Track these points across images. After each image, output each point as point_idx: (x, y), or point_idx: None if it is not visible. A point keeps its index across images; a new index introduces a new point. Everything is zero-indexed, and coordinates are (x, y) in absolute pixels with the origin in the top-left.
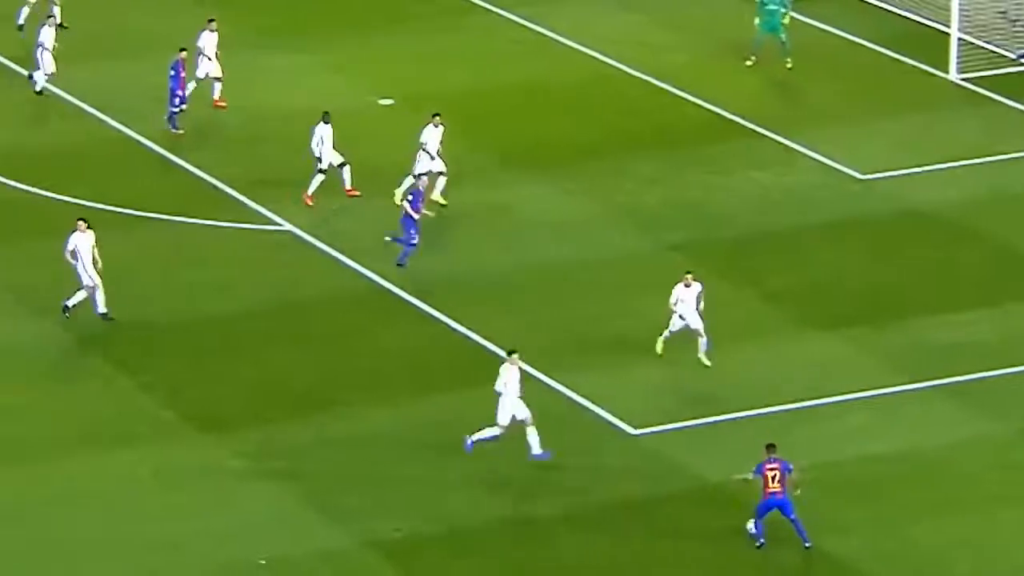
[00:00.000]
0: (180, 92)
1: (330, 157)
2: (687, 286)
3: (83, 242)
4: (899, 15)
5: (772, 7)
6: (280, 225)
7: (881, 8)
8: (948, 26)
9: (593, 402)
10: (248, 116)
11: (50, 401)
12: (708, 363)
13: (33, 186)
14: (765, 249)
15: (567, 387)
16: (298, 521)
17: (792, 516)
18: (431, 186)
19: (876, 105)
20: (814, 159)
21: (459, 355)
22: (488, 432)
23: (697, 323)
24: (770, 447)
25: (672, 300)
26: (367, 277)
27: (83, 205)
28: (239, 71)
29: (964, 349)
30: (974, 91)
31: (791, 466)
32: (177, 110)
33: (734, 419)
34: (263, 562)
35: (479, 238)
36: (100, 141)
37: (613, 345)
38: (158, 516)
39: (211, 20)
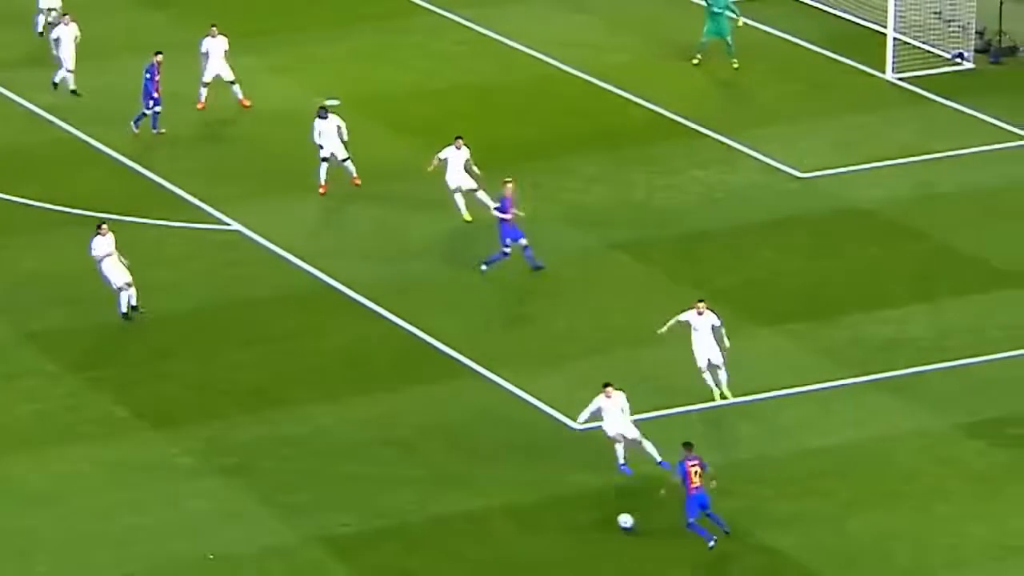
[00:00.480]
0: (155, 95)
1: (332, 149)
2: (699, 314)
3: (104, 246)
4: (837, 16)
5: (717, 11)
6: (228, 225)
7: (820, 9)
8: (885, 26)
9: (538, 398)
10: (198, 117)
11: None
12: (728, 396)
13: None
14: (708, 247)
15: (512, 384)
16: (247, 517)
17: (710, 511)
18: (512, 191)
19: (815, 105)
20: (755, 158)
21: (406, 353)
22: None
23: (718, 358)
24: (687, 445)
25: (672, 322)
26: (315, 276)
27: (32, 205)
28: (188, 73)
29: (900, 344)
30: (910, 90)
31: (707, 463)
32: (150, 112)
33: (675, 414)
34: (211, 557)
35: (426, 238)
36: (51, 142)
37: (559, 341)
38: (107, 513)
39: (213, 25)
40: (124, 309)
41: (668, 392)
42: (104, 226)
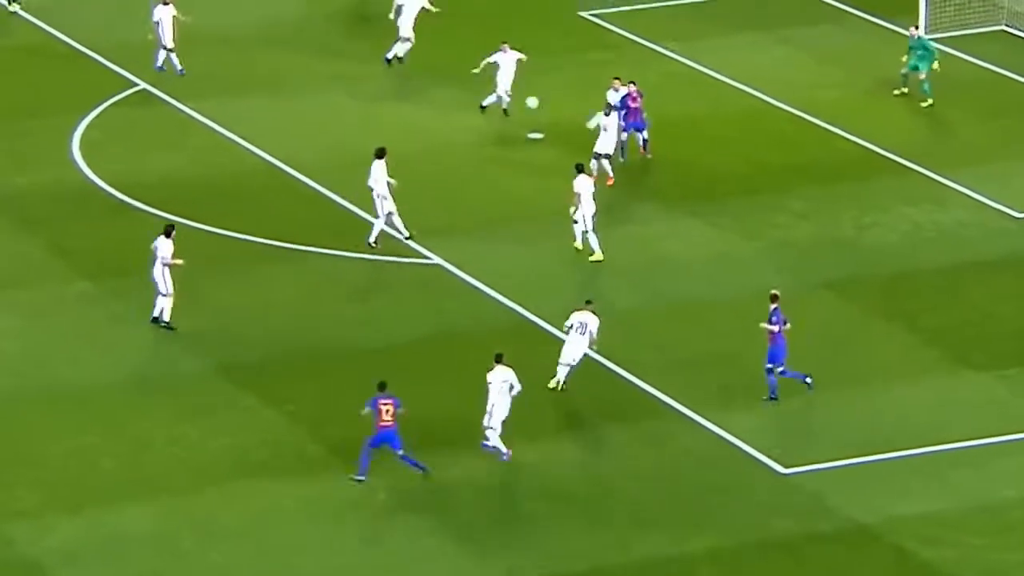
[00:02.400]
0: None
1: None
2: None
3: (168, 249)
4: None
5: (918, 51)
6: (429, 259)
7: None
8: None
9: (742, 440)
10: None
11: (195, 432)
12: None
13: (187, 218)
14: (918, 287)
15: (716, 424)
16: (442, 556)
17: (400, 452)
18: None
19: None
20: (967, 196)
21: (607, 390)
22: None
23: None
24: (382, 385)
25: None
26: (514, 311)
27: (235, 238)
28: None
29: None
30: None
31: (400, 402)
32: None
33: (888, 459)
34: None
35: (622, 274)
36: (250, 172)
37: (763, 381)
38: (302, 549)
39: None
40: (156, 314)
41: (875, 435)
42: (174, 231)
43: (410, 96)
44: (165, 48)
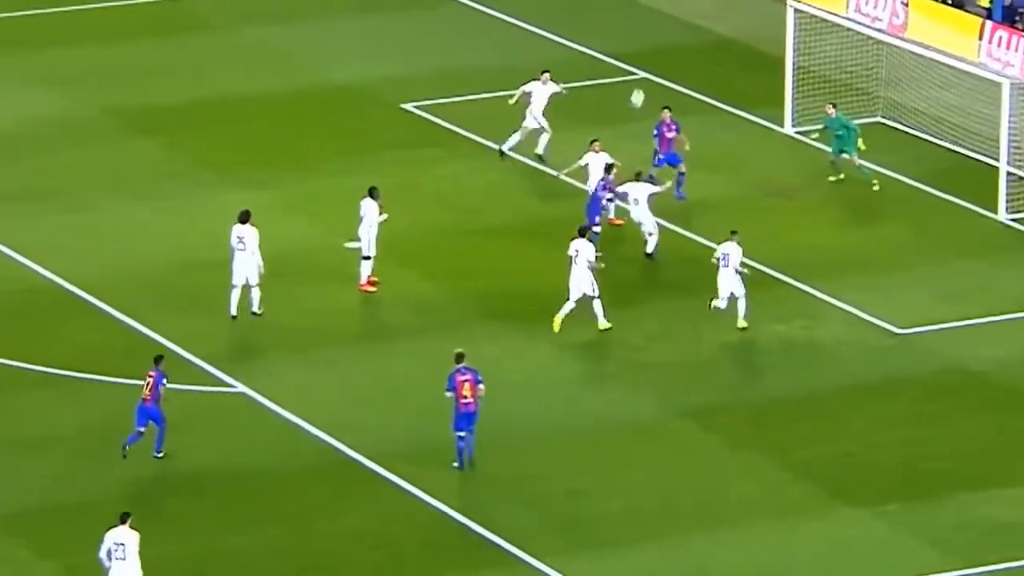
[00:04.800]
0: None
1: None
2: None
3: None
4: (942, 147)
5: (837, 131)
6: (233, 387)
7: (922, 140)
8: (996, 159)
9: None
10: (189, 265)
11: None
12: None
13: None
14: (790, 414)
15: (561, 573)
16: None
17: (162, 424)
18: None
19: (916, 249)
20: (844, 311)
21: (434, 534)
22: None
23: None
24: (157, 356)
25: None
26: (330, 445)
27: (7, 365)
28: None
29: (1018, 529)
30: None
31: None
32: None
33: None
34: None
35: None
36: (25, 291)
37: (614, 523)
38: None
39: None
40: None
41: None
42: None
43: (201, 201)
44: None
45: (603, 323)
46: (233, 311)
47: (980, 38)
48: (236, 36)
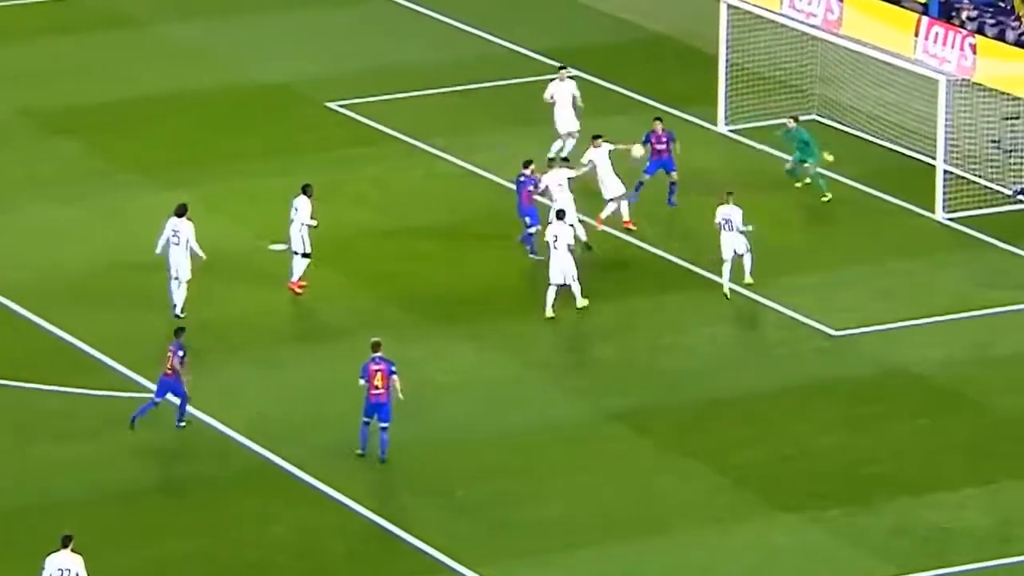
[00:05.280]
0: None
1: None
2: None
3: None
4: (879, 146)
5: (796, 143)
6: (152, 393)
7: (858, 138)
8: (934, 158)
9: None
10: (111, 267)
11: None
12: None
13: None
14: (725, 418)
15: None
16: None
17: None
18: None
19: (852, 250)
20: (778, 312)
21: (364, 543)
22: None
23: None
24: (177, 329)
25: (717, 220)
26: (256, 453)
27: None
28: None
29: (955, 535)
30: (964, 232)
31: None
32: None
33: None
34: None
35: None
36: None
37: (547, 530)
38: None
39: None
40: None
41: None
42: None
43: (123, 202)
44: None
45: (581, 301)
46: (177, 309)
47: (916, 34)
48: (158, 33)
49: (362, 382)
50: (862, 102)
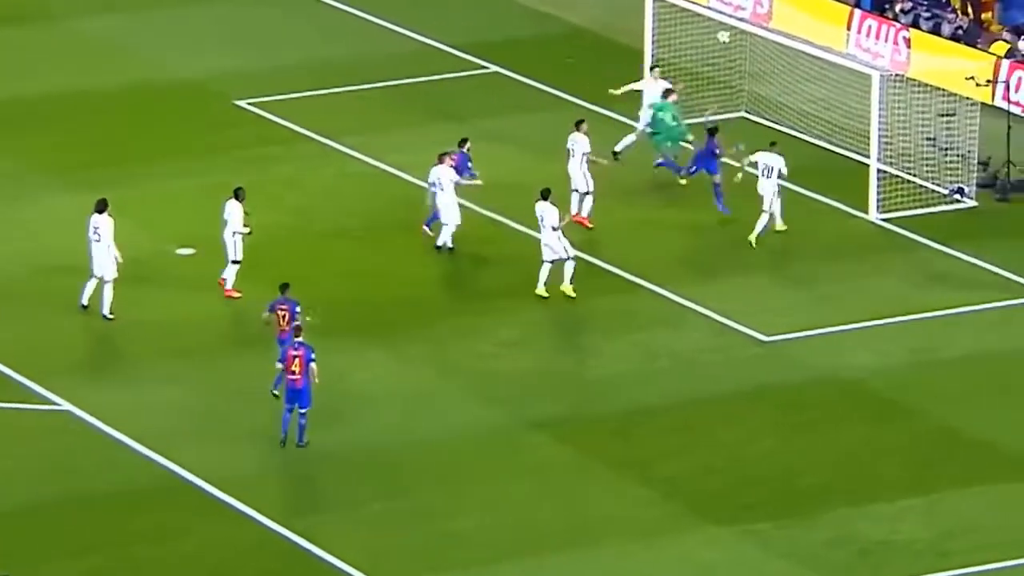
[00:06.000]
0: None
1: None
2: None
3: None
4: (810, 144)
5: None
6: (57, 405)
7: (788, 135)
8: (867, 157)
9: None
10: (12, 273)
11: None
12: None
13: None
14: (651, 427)
15: None
16: None
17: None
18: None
19: (783, 252)
20: (707, 317)
21: (274, 561)
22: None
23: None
24: (283, 284)
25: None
26: (166, 468)
27: None
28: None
29: (892, 547)
30: (899, 234)
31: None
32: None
33: None
34: None
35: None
36: None
37: (466, 544)
38: None
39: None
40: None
41: None
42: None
43: (25, 205)
44: None
45: (568, 288)
46: (84, 301)
47: (848, 28)
48: (70, 28)
49: (279, 365)
50: (792, 98)
